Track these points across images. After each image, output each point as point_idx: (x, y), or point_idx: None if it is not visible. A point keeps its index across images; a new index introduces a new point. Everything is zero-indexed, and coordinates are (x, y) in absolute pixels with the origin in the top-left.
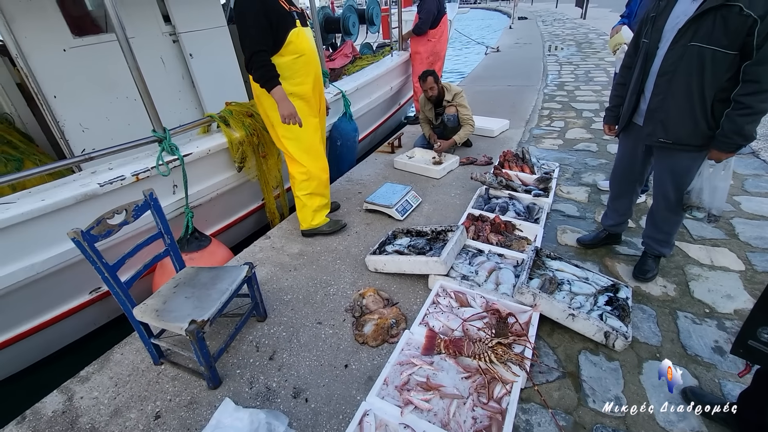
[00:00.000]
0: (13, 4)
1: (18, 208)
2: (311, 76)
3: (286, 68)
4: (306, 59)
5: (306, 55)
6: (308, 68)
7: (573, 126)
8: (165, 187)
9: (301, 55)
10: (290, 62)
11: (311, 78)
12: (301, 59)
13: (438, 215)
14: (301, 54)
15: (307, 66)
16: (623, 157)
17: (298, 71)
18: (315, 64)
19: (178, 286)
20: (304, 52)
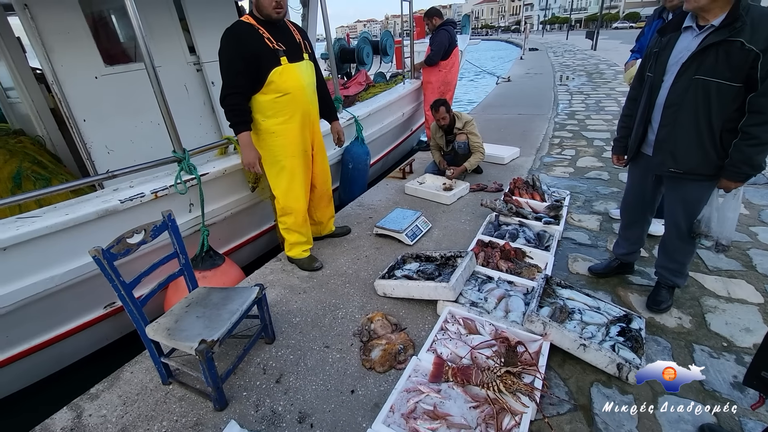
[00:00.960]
0: (53, 36)
1: (43, 222)
2: (297, 115)
3: (269, 107)
4: (290, 98)
5: (290, 93)
6: (293, 106)
7: (584, 154)
8: (182, 205)
9: (284, 94)
10: (272, 101)
11: (297, 116)
12: (285, 98)
13: (448, 241)
14: (284, 93)
15: (291, 104)
16: (633, 186)
17: (281, 110)
18: (302, 102)
19: (190, 306)
20: (287, 90)
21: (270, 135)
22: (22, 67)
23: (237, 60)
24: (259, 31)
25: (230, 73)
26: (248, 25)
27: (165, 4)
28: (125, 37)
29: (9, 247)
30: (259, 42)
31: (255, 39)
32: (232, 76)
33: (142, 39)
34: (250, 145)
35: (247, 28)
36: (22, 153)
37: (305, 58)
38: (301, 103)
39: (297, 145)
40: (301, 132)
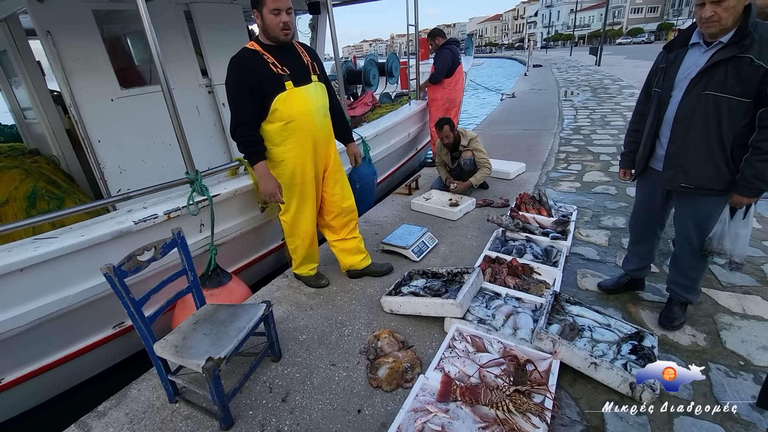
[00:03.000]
0: (72, 61)
1: (60, 243)
2: (307, 141)
3: (276, 135)
4: (296, 125)
5: (296, 120)
6: (301, 133)
7: (590, 169)
8: (193, 225)
9: (289, 121)
10: (279, 129)
11: (308, 143)
12: (291, 125)
13: (454, 257)
14: (290, 120)
15: (299, 131)
16: (642, 201)
17: (288, 138)
18: (311, 127)
19: (198, 323)
20: (292, 117)
21: (279, 164)
22: (41, 89)
23: (242, 89)
24: (264, 56)
25: (237, 103)
26: (252, 51)
27: (180, 30)
28: (140, 60)
29: (26, 267)
30: (262, 68)
31: (258, 65)
32: (240, 107)
33: (160, 63)
34: (269, 175)
35: (251, 54)
36: (37, 173)
37: (314, 79)
38: (310, 129)
39: (307, 173)
40: (312, 158)
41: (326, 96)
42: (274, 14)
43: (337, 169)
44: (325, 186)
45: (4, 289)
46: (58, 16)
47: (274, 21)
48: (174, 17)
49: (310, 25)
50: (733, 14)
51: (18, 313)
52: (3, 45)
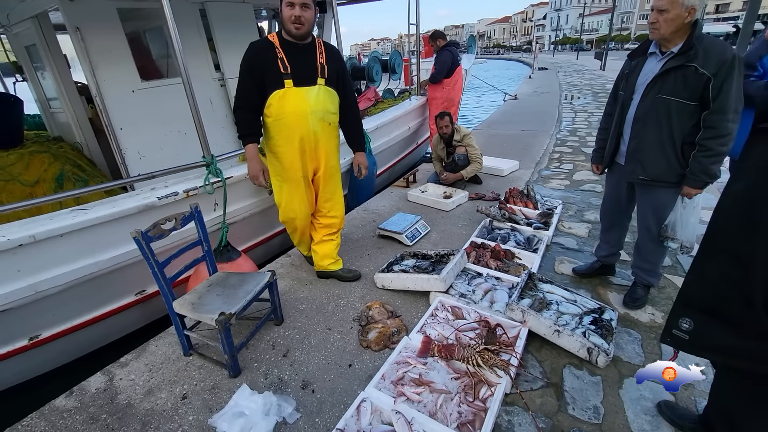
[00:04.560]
0: (98, 54)
1: (95, 213)
2: (294, 141)
3: (270, 129)
4: (286, 123)
5: (285, 118)
6: (289, 132)
7: (581, 168)
8: (208, 204)
9: (280, 119)
10: (272, 123)
11: (295, 142)
12: (281, 122)
13: (445, 243)
14: (281, 117)
15: (287, 129)
16: (609, 193)
17: (279, 133)
18: (301, 128)
19: (211, 286)
20: (283, 115)
21: (273, 155)
22: (67, 80)
23: (248, 76)
24: (276, 50)
25: (241, 86)
26: (268, 43)
27: (195, 27)
28: (157, 55)
29: (65, 234)
30: (270, 61)
31: (268, 58)
32: (242, 90)
33: (180, 58)
34: (256, 158)
35: (266, 45)
36: (64, 157)
37: (320, 82)
38: (300, 130)
39: (295, 171)
40: (300, 158)
41: (332, 100)
42: (288, 7)
43: (330, 176)
44: (316, 187)
45: (47, 252)
46: (86, 14)
47: (287, 14)
48: (190, 15)
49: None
50: (671, 26)
51: (57, 273)
52: (33, 39)
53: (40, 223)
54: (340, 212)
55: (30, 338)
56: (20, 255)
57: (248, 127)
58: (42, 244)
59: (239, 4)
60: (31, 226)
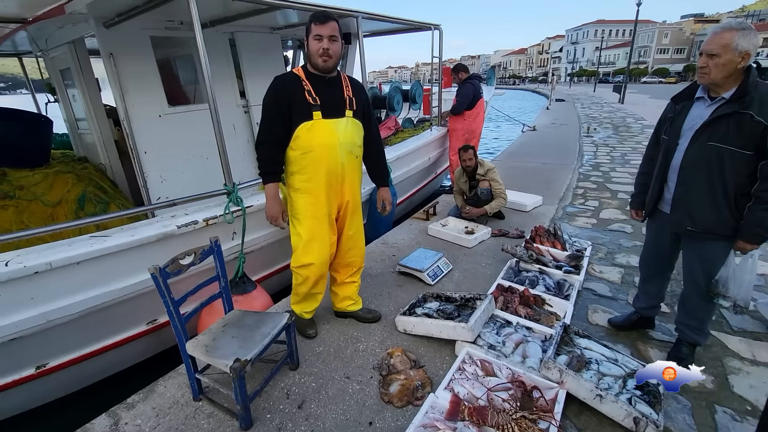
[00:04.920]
0: (129, 80)
1: (113, 240)
2: (321, 174)
3: (295, 162)
4: (315, 156)
5: (314, 151)
6: (317, 165)
7: (607, 206)
8: (226, 233)
9: (308, 152)
10: (298, 156)
11: (322, 176)
12: (310, 155)
13: (468, 283)
14: (308, 150)
15: (316, 163)
16: (651, 241)
17: (306, 167)
18: (330, 161)
19: (227, 326)
20: (312, 148)
21: (296, 191)
22: (96, 103)
23: (273, 108)
24: (302, 82)
25: (266, 120)
26: (294, 76)
27: (224, 55)
28: (185, 81)
29: (82, 261)
30: (297, 93)
31: (294, 90)
32: (267, 124)
33: (209, 86)
34: (275, 198)
35: (291, 78)
36: (87, 178)
37: (348, 115)
38: (328, 163)
39: (320, 207)
40: (326, 193)
41: (359, 133)
42: (315, 40)
43: (354, 212)
44: (340, 227)
45: (63, 280)
46: (121, 41)
47: (314, 47)
48: (220, 44)
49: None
50: (723, 72)
51: (71, 302)
52: (68, 63)
53: (58, 249)
54: (362, 250)
55: (37, 367)
56: (35, 282)
57: (271, 165)
58: (58, 272)
59: (267, 35)
60: (49, 252)
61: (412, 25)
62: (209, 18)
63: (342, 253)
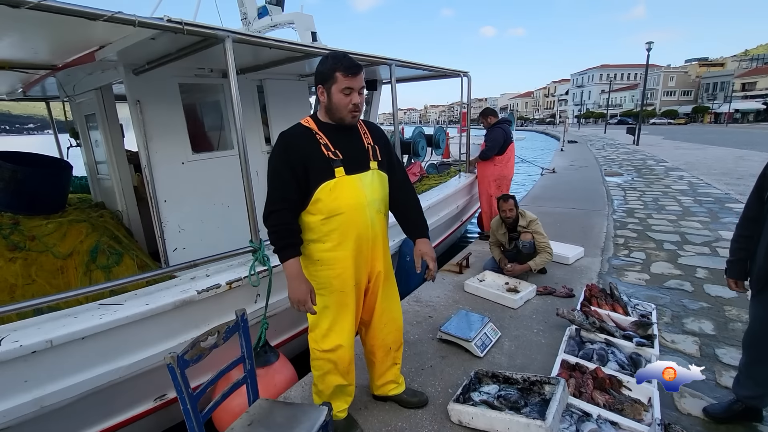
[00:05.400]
0: (154, 127)
1: (125, 311)
2: (349, 240)
3: (315, 229)
4: (342, 219)
5: (344, 214)
6: (345, 229)
7: (656, 258)
8: (249, 295)
9: (333, 215)
10: (319, 222)
11: (350, 242)
12: (335, 219)
13: (522, 355)
14: (334, 213)
15: (343, 227)
16: (762, 318)
17: (329, 233)
18: (359, 224)
19: (253, 425)
20: (338, 210)
21: (314, 263)
22: (119, 149)
23: (284, 169)
24: (317, 136)
25: (275, 184)
26: (305, 129)
27: (251, 101)
28: (210, 127)
29: (88, 336)
30: (312, 149)
31: (308, 145)
32: (278, 189)
33: (241, 134)
34: (300, 277)
35: (303, 132)
36: (102, 227)
37: (372, 167)
38: (357, 226)
39: (347, 279)
40: (354, 262)
41: (385, 186)
42: (344, 94)
43: (387, 278)
44: (371, 300)
45: (63, 359)
46: (148, 88)
47: (343, 101)
48: (248, 91)
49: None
50: None
51: (70, 383)
52: (93, 109)
53: (61, 323)
54: (400, 323)
55: None
56: (31, 362)
57: (288, 236)
58: (60, 349)
59: (294, 81)
60: (51, 327)
61: (442, 72)
62: (240, 66)
63: (376, 332)
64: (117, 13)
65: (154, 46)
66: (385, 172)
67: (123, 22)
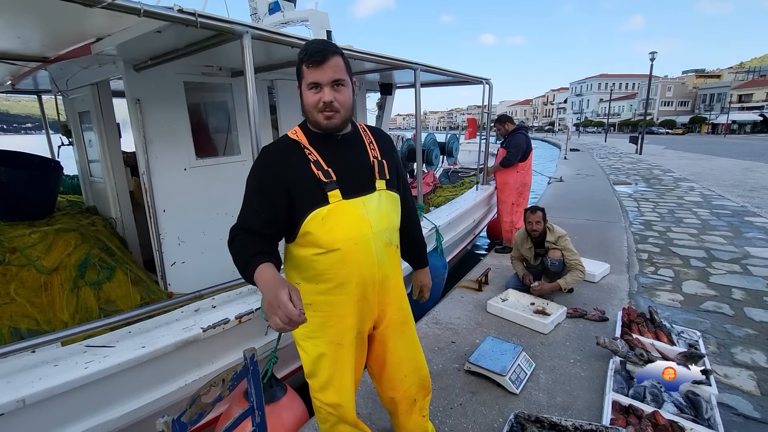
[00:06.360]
0: (154, 128)
1: (117, 357)
2: (351, 283)
3: (307, 266)
4: (340, 256)
5: (340, 250)
6: (344, 269)
7: (686, 277)
8: (258, 327)
9: (328, 251)
10: (310, 258)
11: (351, 285)
12: (331, 256)
13: (562, 392)
14: (328, 249)
15: (340, 266)
16: None
17: (323, 274)
18: (362, 262)
19: None
20: (334, 245)
21: (306, 307)
22: (115, 150)
23: (257, 195)
24: (305, 150)
25: (247, 208)
26: (291, 142)
27: (261, 102)
28: (214, 130)
29: (73, 389)
30: (298, 168)
31: (293, 164)
32: (248, 212)
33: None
34: (276, 280)
35: (287, 146)
36: (93, 238)
37: (379, 186)
38: (360, 265)
39: (345, 331)
40: (357, 308)
41: (396, 210)
42: (312, 90)
43: (402, 323)
44: (379, 350)
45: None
46: (150, 86)
47: (310, 100)
48: (259, 91)
49: (378, 103)
50: None
51: None
52: (88, 106)
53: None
54: (425, 371)
55: None
56: None
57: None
58: (34, 409)
59: None
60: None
61: (464, 78)
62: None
63: (395, 383)
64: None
65: (160, 40)
66: (396, 191)
67: (126, 10)
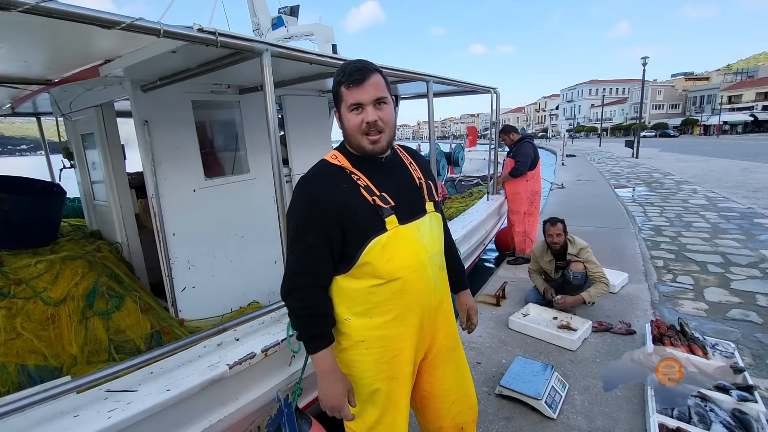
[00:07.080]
0: (164, 150)
1: (141, 404)
2: (411, 314)
3: (360, 299)
4: (400, 285)
5: (401, 279)
6: (405, 300)
7: (706, 284)
8: (283, 358)
9: (388, 281)
10: (367, 291)
11: (412, 316)
12: (390, 286)
13: (601, 414)
14: (389, 279)
15: (401, 296)
16: None
17: (381, 306)
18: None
19: None
20: (394, 274)
21: (355, 345)
22: (119, 173)
23: (310, 233)
24: (352, 176)
25: (300, 251)
26: (335, 168)
27: None
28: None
29: None
30: (350, 196)
31: (343, 191)
32: (301, 258)
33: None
34: (335, 373)
35: (331, 172)
36: (100, 265)
37: (429, 209)
38: (418, 293)
39: (402, 364)
40: (414, 340)
41: (442, 232)
42: (354, 112)
43: (452, 349)
44: (429, 374)
45: None
46: (158, 106)
47: (353, 122)
48: None
49: None
50: None
51: None
52: (92, 128)
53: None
54: (474, 399)
55: None
56: None
57: (319, 322)
58: None
59: (315, 98)
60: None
61: (472, 88)
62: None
63: (441, 414)
64: (138, 19)
65: (173, 60)
66: (439, 212)
67: (145, 31)
